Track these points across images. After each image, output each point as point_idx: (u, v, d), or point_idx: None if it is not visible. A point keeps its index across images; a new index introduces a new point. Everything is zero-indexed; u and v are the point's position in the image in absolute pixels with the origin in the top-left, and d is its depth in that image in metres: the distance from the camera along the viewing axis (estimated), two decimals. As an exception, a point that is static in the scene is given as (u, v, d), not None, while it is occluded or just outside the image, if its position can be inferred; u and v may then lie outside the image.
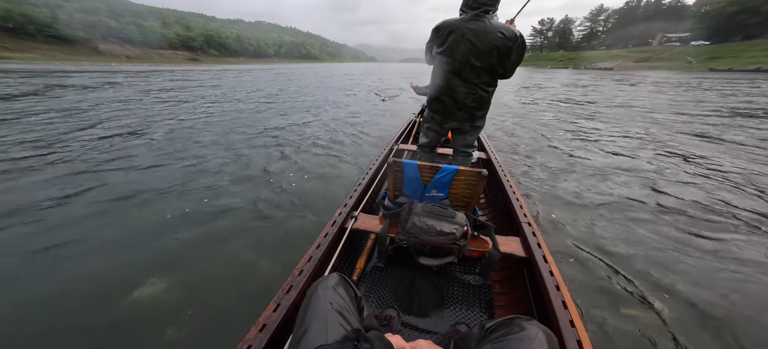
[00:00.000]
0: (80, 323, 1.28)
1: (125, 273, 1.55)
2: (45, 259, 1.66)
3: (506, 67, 1.41)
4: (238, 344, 0.74)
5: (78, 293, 1.42)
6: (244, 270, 1.60)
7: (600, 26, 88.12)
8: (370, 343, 0.51)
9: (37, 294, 1.41)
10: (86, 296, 1.41)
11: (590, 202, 2.41)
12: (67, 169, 2.85)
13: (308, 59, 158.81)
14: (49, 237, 1.82)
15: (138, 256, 1.69)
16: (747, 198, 2.48)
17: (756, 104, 8.01)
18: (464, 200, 1.34)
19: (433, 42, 1.50)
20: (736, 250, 1.78)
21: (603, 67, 44.35)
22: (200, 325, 1.27)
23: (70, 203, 2.24)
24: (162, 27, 65.05)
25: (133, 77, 15.37)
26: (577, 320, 0.82)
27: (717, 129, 5.09)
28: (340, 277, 0.70)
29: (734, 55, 35.73)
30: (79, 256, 1.68)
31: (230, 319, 1.30)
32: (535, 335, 0.53)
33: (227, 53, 79.91)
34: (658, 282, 1.52)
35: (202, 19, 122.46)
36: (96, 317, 1.30)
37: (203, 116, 5.74)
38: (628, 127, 5.28)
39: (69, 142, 3.74)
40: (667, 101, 8.83)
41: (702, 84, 14.85)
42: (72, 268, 1.59)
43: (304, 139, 4.24)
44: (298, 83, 14.71)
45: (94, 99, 7.39)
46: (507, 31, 1.32)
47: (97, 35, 47.84)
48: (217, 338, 1.21)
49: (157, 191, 2.48)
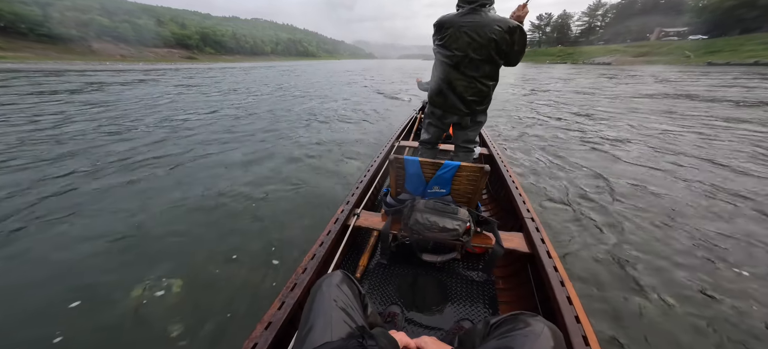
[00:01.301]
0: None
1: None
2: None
3: (509, 57, 1.41)
4: (245, 342, 0.74)
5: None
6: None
7: (598, 21, 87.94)
8: (374, 340, 0.51)
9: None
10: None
11: (594, 195, 2.41)
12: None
13: (305, 57, 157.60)
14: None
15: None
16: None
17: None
18: (467, 195, 1.33)
19: (434, 38, 1.52)
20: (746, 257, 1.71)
21: (601, 63, 44.30)
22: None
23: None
24: (157, 25, 64.20)
25: (146, 76, 15.70)
26: (583, 315, 0.82)
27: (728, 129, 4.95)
28: (344, 274, 0.70)
29: (732, 48, 35.77)
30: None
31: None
32: (541, 330, 0.53)
33: (223, 51, 79.12)
34: (663, 274, 1.52)
35: (197, 17, 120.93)
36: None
37: (259, 103, 7.29)
38: (628, 122, 5.29)
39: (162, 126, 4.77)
40: (664, 96, 8.84)
41: (700, 80, 14.79)
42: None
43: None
44: (306, 79, 15.40)
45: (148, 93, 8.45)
46: (504, 24, 1.32)
47: (91, 34, 47.18)
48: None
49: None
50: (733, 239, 1.82)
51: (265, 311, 0.83)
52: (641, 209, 2.19)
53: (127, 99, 7.45)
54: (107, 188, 2.52)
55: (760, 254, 1.69)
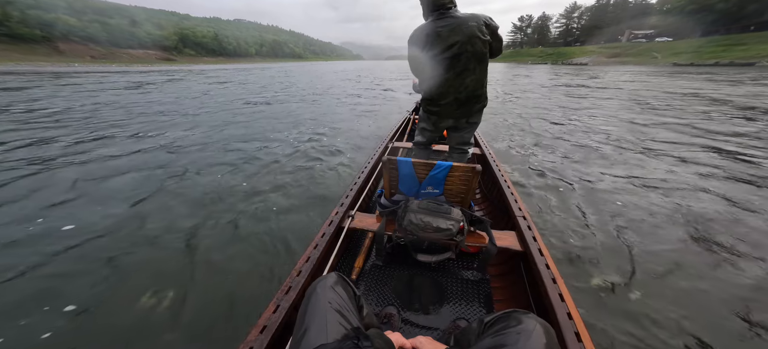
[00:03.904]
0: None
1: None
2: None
3: (492, 47, 1.44)
4: (240, 345, 0.73)
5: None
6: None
7: (574, 23, 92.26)
8: (370, 341, 0.51)
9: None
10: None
11: (585, 193, 2.48)
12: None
13: (292, 58, 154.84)
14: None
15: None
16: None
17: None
18: (459, 195, 1.35)
19: (416, 49, 1.48)
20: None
21: (579, 63, 46.49)
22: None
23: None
24: (130, 25, 60.99)
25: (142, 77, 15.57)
26: (575, 312, 0.84)
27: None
28: (339, 276, 0.70)
29: (694, 50, 38.64)
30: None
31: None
32: (533, 327, 0.54)
33: (204, 53, 76.28)
34: (653, 271, 1.56)
35: (175, 18, 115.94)
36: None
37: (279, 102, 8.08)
38: (615, 117, 5.45)
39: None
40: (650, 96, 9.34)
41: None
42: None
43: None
44: (311, 80, 16.00)
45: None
46: (477, 19, 1.36)
47: (56, 34, 44.08)
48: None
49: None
50: (735, 241, 1.81)
51: (260, 315, 0.81)
52: (632, 205, 2.26)
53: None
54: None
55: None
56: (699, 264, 1.62)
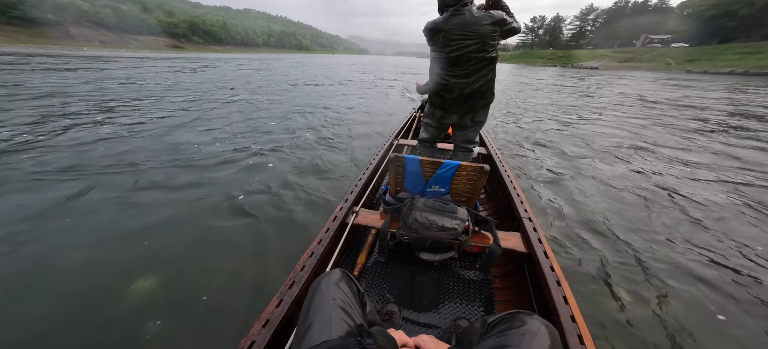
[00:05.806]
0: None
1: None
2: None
3: (505, 37, 1.45)
4: (242, 340, 0.73)
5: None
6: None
7: (589, 25, 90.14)
8: (373, 338, 0.51)
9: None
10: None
11: (592, 197, 2.45)
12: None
13: (299, 50, 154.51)
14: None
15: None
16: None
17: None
18: (465, 195, 1.34)
19: (428, 43, 1.54)
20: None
21: (589, 67, 45.57)
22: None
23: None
24: (141, 12, 61.36)
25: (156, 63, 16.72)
26: (578, 315, 0.83)
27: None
28: (343, 273, 0.70)
29: (710, 57, 37.47)
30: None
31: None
32: (538, 329, 0.53)
33: (212, 41, 76.56)
34: (659, 275, 1.55)
35: (186, 6, 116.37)
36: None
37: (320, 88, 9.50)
38: (627, 127, 5.31)
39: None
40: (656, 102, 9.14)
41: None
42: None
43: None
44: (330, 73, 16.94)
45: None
46: (489, 18, 1.36)
47: (68, 18, 44.59)
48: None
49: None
50: (741, 247, 1.78)
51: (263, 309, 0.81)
52: (639, 209, 2.23)
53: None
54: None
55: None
56: (715, 276, 1.57)
